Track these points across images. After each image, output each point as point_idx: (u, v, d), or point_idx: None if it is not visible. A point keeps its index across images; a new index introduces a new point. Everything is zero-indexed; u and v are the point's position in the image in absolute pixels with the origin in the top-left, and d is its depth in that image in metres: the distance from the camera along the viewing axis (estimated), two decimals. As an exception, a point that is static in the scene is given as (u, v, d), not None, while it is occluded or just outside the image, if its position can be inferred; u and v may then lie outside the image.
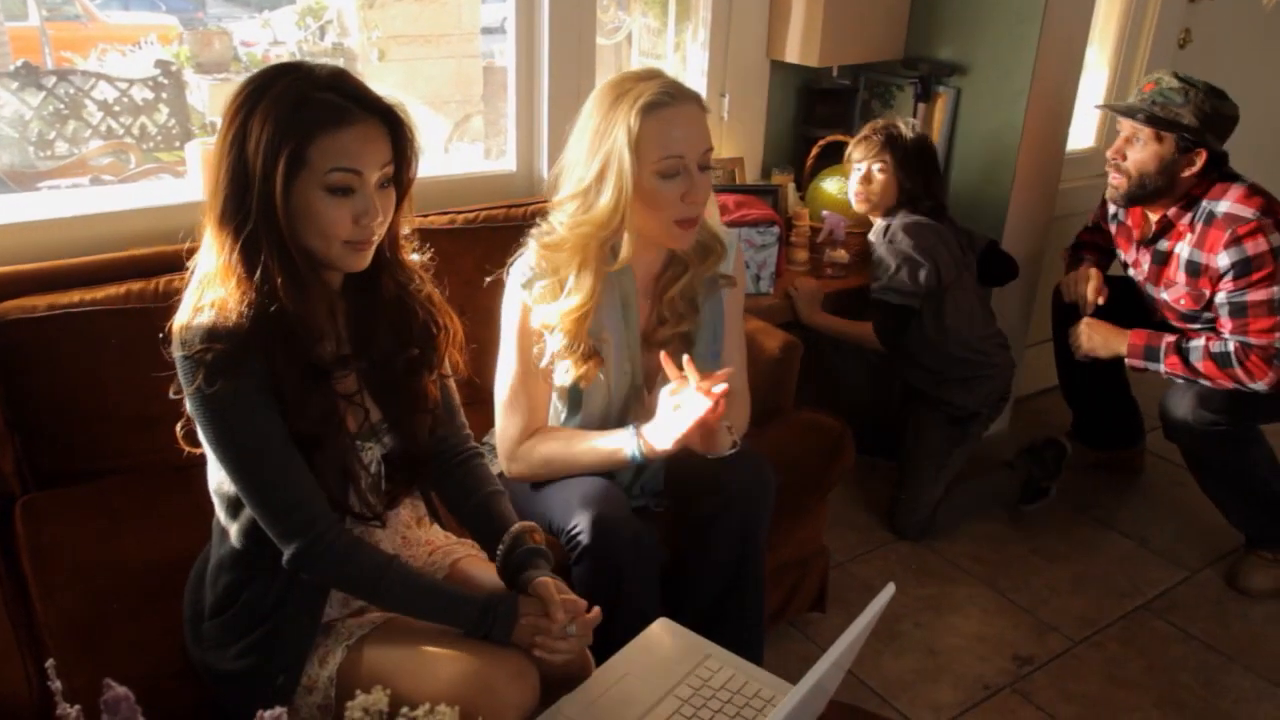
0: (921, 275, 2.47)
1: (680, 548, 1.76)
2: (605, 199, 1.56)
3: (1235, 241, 2.18)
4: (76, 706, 0.82)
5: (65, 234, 1.96)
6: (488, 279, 1.78)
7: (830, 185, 2.85)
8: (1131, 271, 2.52)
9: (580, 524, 1.59)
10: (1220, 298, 2.24)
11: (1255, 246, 2.17)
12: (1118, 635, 2.30)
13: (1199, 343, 2.28)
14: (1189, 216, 2.29)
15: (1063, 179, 2.96)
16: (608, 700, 1.32)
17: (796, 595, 2.17)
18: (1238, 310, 2.22)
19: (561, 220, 1.63)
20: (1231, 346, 2.23)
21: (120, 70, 4.23)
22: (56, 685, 0.80)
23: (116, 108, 4.02)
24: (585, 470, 1.68)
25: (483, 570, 1.51)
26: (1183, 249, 2.31)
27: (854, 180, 2.60)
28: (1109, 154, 2.35)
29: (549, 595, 1.34)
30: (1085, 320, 2.50)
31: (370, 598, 1.37)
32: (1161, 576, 2.51)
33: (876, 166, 2.55)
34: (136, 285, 1.84)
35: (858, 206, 2.63)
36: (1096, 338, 2.46)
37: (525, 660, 1.32)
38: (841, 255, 2.72)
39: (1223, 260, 2.21)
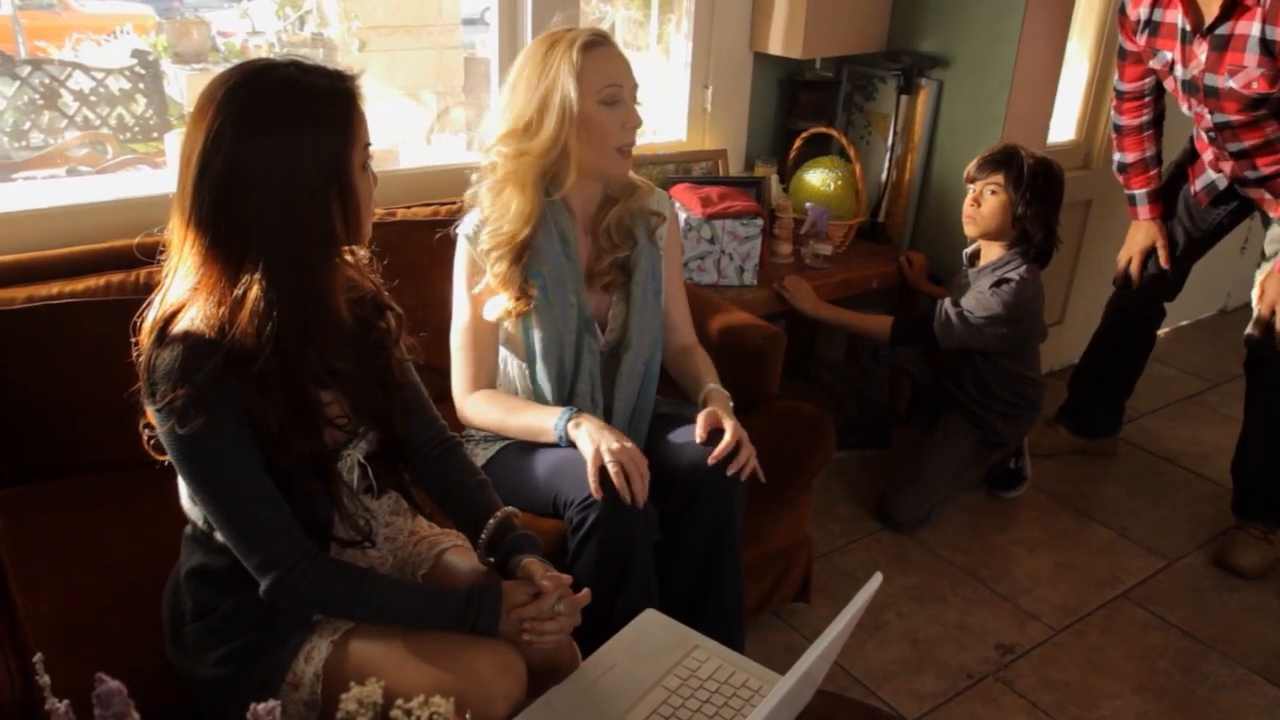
0: (984, 340, 2.48)
1: (658, 540, 1.77)
2: (549, 126, 1.68)
3: None
4: (65, 701, 0.81)
5: (42, 226, 1.94)
6: (438, 235, 1.92)
7: (813, 177, 2.85)
8: (1177, 70, 2.30)
9: (594, 496, 1.60)
10: None
11: None
12: (1098, 624, 2.32)
13: None
14: None
15: (1043, 171, 2.98)
16: (596, 691, 1.32)
17: (781, 585, 2.18)
18: None
19: (503, 152, 1.72)
20: None
21: (96, 60, 4.17)
22: (45, 680, 0.79)
23: (93, 98, 3.97)
24: (516, 436, 1.79)
25: (469, 561, 1.50)
26: (1251, 28, 2.10)
27: (966, 202, 2.51)
28: None
29: (537, 573, 1.34)
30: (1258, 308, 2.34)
31: (351, 616, 1.35)
32: (1140, 565, 2.54)
33: (989, 189, 2.46)
34: (116, 277, 1.82)
35: (966, 229, 2.54)
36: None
37: (512, 652, 1.32)
38: (824, 247, 2.72)
39: None
